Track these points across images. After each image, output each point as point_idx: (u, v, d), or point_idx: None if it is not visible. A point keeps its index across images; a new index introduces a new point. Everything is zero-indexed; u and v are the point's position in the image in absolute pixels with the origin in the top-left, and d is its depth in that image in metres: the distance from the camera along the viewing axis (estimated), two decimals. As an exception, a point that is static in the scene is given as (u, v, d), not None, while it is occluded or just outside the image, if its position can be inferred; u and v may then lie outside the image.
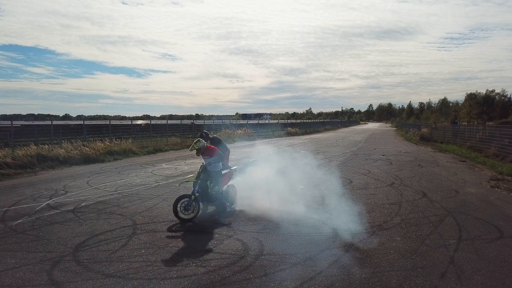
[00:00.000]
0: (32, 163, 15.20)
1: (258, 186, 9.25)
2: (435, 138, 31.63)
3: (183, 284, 4.64)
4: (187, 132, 33.65)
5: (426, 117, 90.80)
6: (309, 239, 6.33)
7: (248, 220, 7.47)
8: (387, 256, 5.57)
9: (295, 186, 11.00)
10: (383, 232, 6.74)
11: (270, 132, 45.10)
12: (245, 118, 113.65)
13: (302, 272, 5.00)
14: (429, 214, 7.94)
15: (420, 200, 9.29)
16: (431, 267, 5.20)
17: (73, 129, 26.41)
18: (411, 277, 4.87)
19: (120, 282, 4.70)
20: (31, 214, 7.85)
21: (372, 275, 4.90)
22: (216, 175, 8.02)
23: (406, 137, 38.34)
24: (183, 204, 7.36)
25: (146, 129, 31.00)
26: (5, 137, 19.87)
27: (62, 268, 5.14)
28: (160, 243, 6.11)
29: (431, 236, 6.53)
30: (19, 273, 4.97)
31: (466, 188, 11.01)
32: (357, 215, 7.78)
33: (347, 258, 5.49)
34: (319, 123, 77.01)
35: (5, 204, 8.76)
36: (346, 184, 11.36)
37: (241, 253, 5.66)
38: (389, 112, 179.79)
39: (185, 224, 7.20)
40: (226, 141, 30.89)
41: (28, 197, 9.56)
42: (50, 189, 10.53)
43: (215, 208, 8.38)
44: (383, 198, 9.51)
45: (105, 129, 26.40)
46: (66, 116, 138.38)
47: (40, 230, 6.82)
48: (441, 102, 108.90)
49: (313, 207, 8.45)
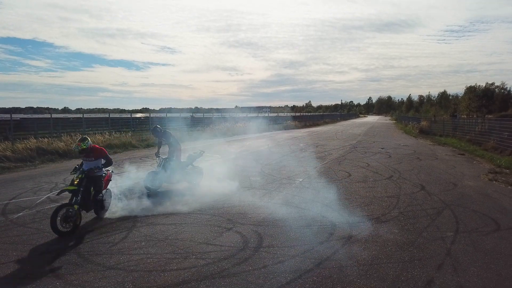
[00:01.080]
0: (32, 156, 15.22)
1: (253, 177, 9.30)
2: (435, 131, 31.65)
3: (183, 276, 4.70)
4: (187, 125, 33.62)
5: (425, 110, 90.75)
6: (308, 231, 6.38)
7: (247, 213, 7.52)
8: (384, 248, 5.63)
9: (294, 179, 11.07)
10: (381, 224, 6.80)
11: (269, 125, 45.11)
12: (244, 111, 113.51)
13: (301, 264, 5.06)
14: (427, 207, 7.99)
15: (418, 193, 9.35)
16: (428, 259, 5.26)
17: (73, 122, 26.42)
18: (408, 268, 4.93)
19: (121, 274, 4.75)
20: (31, 207, 7.90)
21: (370, 267, 4.96)
22: (99, 180, 7.19)
23: (406, 130, 38.37)
24: (62, 215, 6.23)
25: (145, 122, 31.02)
26: (5, 130, 19.88)
27: (64, 261, 5.19)
28: (160, 236, 6.16)
29: (428, 228, 6.60)
30: (21, 265, 5.03)
31: (464, 181, 11.07)
32: (356, 208, 7.85)
33: (345, 250, 5.55)
34: (318, 116, 76.97)
35: (6, 197, 8.80)
36: (345, 177, 11.41)
37: (240, 246, 5.72)
38: (388, 105, 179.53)
39: (184, 218, 7.25)
40: (226, 134, 30.97)
41: (28, 190, 9.60)
42: (50, 182, 10.57)
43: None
44: (381, 191, 9.56)
45: (105, 122, 26.41)
46: (65, 109, 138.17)
47: (40, 223, 6.87)
48: (440, 95, 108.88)
49: (311, 200, 8.50)
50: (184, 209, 7.78)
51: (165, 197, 8.74)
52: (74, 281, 4.58)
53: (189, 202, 8.26)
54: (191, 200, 8.44)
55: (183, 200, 8.47)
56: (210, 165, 13.72)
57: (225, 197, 8.82)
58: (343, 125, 57.59)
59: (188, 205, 8.03)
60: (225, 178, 11.13)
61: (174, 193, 9.09)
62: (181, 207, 7.89)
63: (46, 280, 4.61)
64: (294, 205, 8.10)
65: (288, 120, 51.17)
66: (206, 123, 35.72)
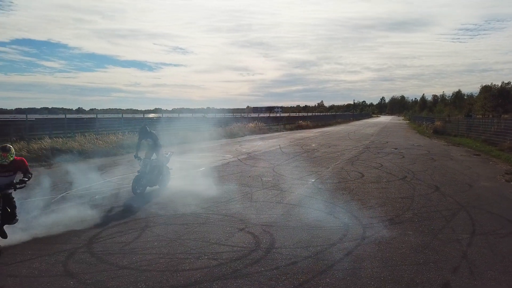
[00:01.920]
0: (46, 156, 15.44)
1: (264, 177, 9.27)
2: (449, 132, 31.23)
3: (196, 276, 4.69)
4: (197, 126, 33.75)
5: (439, 110, 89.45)
6: (321, 232, 6.33)
7: (259, 213, 7.50)
8: (399, 250, 5.55)
9: (306, 179, 11.01)
10: (395, 226, 6.71)
11: (281, 125, 45.04)
12: (256, 111, 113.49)
13: (314, 265, 5.02)
14: (442, 208, 7.87)
15: (433, 194, 9.21)
16: (443, 261, 5.17)
17: (86, 122, 26.69)
18: (423, 271, 4.85)
19: (134, 274, 4.77)
20: (46, 207, 8.00)
21: (384, 269, 4.89)
22: (12, 200, 5.91)
23: (419, 130, 37.93)
24: None
25: (158, 122, 31.19)
26: (20, 130, 20.23)
27: (77, 260, 5.23)
28: (172, 236, 6.18)
29: (443, 230, 6.48)
30: (35, 264, 5.08)
31: (480, 182, 10.87)
32: (369, 209, 7.77)
33: (359, 252, 5.49)
34: (330, 116, 76.60)
35: (21, 197, 8.91)
36: (358, 178, 11.31)
37: (252, 246, 5.70)
38: (401, 105, 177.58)
39: (196, 218, 7.26)
40: (237, 134, 31.02)
41: (43, 190, 9.71)
42: (65, 182, 10.68)
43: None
44: (395, 192, 9.45)
45: (117, 122, 26.64)
46: (79, 109, 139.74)
47: (55, 222, 6.93)
48: (455, 94, 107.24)
49: (324, 201, 8.44)
50: (196, 209, 7.80)
51: (177, 198, 8.77)
52: (87, 280, 4.61)
53: (201, 203, 8.28)
54: (203, 200, 8.45)
55: (194, 200, 8.48)
56: (221, 165, 13.75)
57: (237, 197, 8.81)
58: (356, 125, 57.19)
59: (200, 206, 8.04)
60: (236, 178, 11.14)
61: (185, 194, 9.11)
62: (193, 208, 7.90)
63: (60, 279, 4.65)
64: (307, 206, 8.05)
65: (299, 120, 51.05)
66: (217, 123, 35.79)
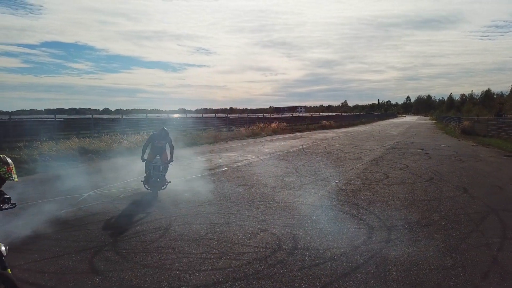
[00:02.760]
0: (74, 155, 15.85)
1: (287, 178, 9.22)
2: (478, 132, 30.31)
3: (218, 276, 4.70)
4: (221, 126, 34.02)
5: (467, 109, 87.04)
6: (344, 234, 6.24)
7: (282, 214, 7.46)
8: (425, 254, 5.40)
9: (330, 180, 10.90)
10: (421, 229, 6.54)
11: (304, 125, 44.80)
12: (278, 111, 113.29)
13: (337, 267, 4.95)
14: (471, 211, 7.63)
15: (461, 196, 8.94)
16: (472, 266, 5.00)
17: (112, 122, 27.26)
18: (450, 276, 4.70)
19: (157, 273, 4.82)
20: (73, 205, 8.20)
21: (410, 273, 4.77)
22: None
23: (446, 131, 36.97)
24: None
25: (182, 123, 31.58)
26: (50, 130, 20.90)
27: (102, 258, 5.33)
28: (195, 235, 6.22)
29: (472, 234, 6.28)
30: (63, 261, 5.21)
31: (511, 184, 10.49)
32: (394, 211, 7.61)
33: (383, 254, 5.38)
34: (354, 116, 75.69)
35: (49, 195, 9.19)
36: (383, 179, 11.11)
37: (275, 247, 5.67)
38: (428, 105, 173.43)
39: (219, 218, 7.28)
40: (259, 134, 31.05)
41: (71, 188, 9.98)
42: (91, 181, 10.92)
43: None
44: (421, 193, 9.23)
45: (142, 122, 27.11)
46: (105, 110, 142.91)
47: (82, 220, 7.11)
48: (484, 93, 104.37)
49: (348, 202, 8.33)
50: (219, 209, 7.83)
51: (199, 197, 8.83)
52: (112, 278, 4.69)
53: (224, 203, 8.31)
54: (226, 200, 8.49)
55: (217, 200, 8.53)
56: (243, 165, 13.77)
57: (260, 197, 8.80)
58: (380, 125, 56.28)
59: (223, 206, 8.08)
60: (258, 178, 11.14)
61: (208, 194, 9.17)
62: (216, 208, 7.94)
63: (86, 276, 4.74)
64: (330, 207, 7.96)
65: (323, 120, 50.68)
66: (239, 123, 35.93)
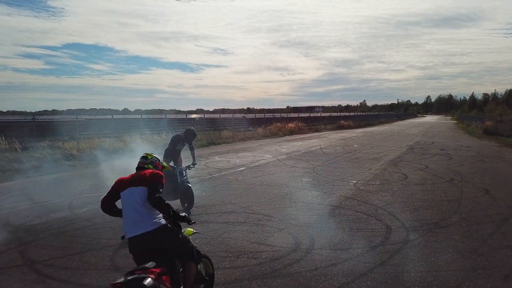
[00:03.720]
0: (94, 155, 16.18)
1: (304, 178, 9.21)
2: (501, 132, 29.55)
3: (235, 274, 4.75)
4: (239, 126, 34.15)
5: (490, 109, 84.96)
6: (362, 235, 6.22)
7: (299, 214, 7.47)
8: (444, 255, 5.34)
9: (348, 180, 10.84)
10: (440, 230, 6.45)
11: (322, 125, 44.57)
12: (296, 111, 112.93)
13: (354, 267, 4.94)
14: (492, 213, 7.48)
15: (482, 197, 8.77)
16: (493, 268, 4.91)
17: (131, 122, 27.68)
18: (471, 277, 4.64)
19: (176, 270, 4.90)
20: (94, 203, 8.37)
21: (428, 274, 4.73)
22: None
23: (468, 131, 36.20)
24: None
25: (200, 123, 31.85)
26: (71, 130, 21.41)
27: (123, 255, 5.45)
28: (213, 234, 6.28)
29: (493, 235, 6.16)
30: (85, 258, 5.36)
31: (535, 185, 10.23)
32: (413, 212, 7.53)
33: (401, 255, 5.34)
34: (373, 116, 74.80)
35: (71, 193, 9.43)
36: (401, 179, 10.98)
37: (292, 247, 5.69)
38: (449, 104, 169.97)
39: (237, 217, 7.34)
40: (277, 134, 31.04)
41: (92, 187, 10.21)
42: (112, 180, 11.12)
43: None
44: (441, 194, 9.09)
45: (161, 122, 27.45)
46: (125, 110, 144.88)
47: (103, 218, 7.26)
48: (508, 92, 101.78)
49: (365, 203, 8.28)
50: (236, 208, 7.89)
51: (217, 197, 8.91)
52: (132, 275, 4.79)
53: (241, 202, 8.37)
54: (244, 200, 8.54)
55: (235, 199, 8.59)
56: (261, 165, 13.80)
57: (277, 197, 8.82)
58: (400, 125, 55.50)
59: (240, 205, 8.13)
60: (275, 178, 11.15)
61: (226, 193, 9.25)
62: (233, 207, 8.00)
63: (107, 272, 4.87)
64: (348, 208, 7.92)
65: (341, 120, 50.33)
66: (257, 123, 35.99)
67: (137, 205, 3.46)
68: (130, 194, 3.53)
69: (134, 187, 3.54)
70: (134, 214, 3.46)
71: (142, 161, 3.86)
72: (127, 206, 3.51)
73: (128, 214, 3.50)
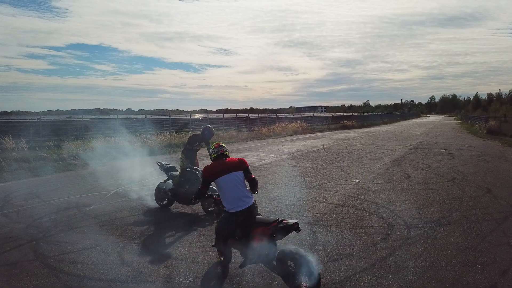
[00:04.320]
0: (100, 154, 16.37)
1: (307, 177, 9.33)
2: (505, 132, 29.51)
3: (240, 270, 4.89)
4: (242, 126, 34.29)
5: (494, 109, 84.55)
6: (364, 231, 6.35)
7: (302, 211, 7.60)
8: (444, 251, 5.46)
9: (351, 180, 10.96)
10: (441, 227, 6.57)
11: (325, 125, 44.64)
12: (299, 111, 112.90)
13: (356, 263, 5.07)
14: (493, 211, 7.59)
15: (484, 196, 8.87)
16: (491, 264, 5.04)
17: (135, 122, 27.89)
18: (469, 272, 4.76)
19: (182, 265, 5.06)
20: (101, 201, 8.56)
21: (428, 269, 4.85)
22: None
23: (471, 131, 36.17)
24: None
25: (203, 123, 32.01)
26: (76, 130, 21.61)
27: (131, 250, 5.62)
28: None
29: (493, 233, 6.28)
30: (94, 253, 5.52)
31: (536, 184, 10.31)
32: (415, 210, 7.64)
33: (402, 251, 5.47)
34: (376, 116, 74.67)
35: (78, 192, 9.60)
36: (404, 179, 11.09)
37: (295, 243, 5.81)
38: (453, 104, 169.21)
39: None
40: (280, 134, 31.15)
41: (98, 186, 10.38)
42: (117, 179, 11.31)
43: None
44: (442, 193, 9.20)
45: (165, 122, 27.64)
46: (128, 110, 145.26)
47: (110, 215, 7.45)
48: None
49: (368, 201, 8.40)
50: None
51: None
52: (140, 269, 4.95)
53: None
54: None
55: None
56: (264, 165, 13.94)
57: (280, 196, 8.96)
58: (403, 125, 55.45)
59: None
60: (279, 178, 11.28)
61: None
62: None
63: (116, 267, 5.02)
64: (350, 206, 8.05)
65: (344, 120, 50.35)
66: (260, 123, 36.11)
67: (240, 186, 4.55)
68: (234, 177, 4.56)
69: (235, 171, 4.58)
70: (239, 192, 4.52)
71: (222, 149, 4.80)
72: (232, 187, 4.53)
73: (232, 193, 4.51)
